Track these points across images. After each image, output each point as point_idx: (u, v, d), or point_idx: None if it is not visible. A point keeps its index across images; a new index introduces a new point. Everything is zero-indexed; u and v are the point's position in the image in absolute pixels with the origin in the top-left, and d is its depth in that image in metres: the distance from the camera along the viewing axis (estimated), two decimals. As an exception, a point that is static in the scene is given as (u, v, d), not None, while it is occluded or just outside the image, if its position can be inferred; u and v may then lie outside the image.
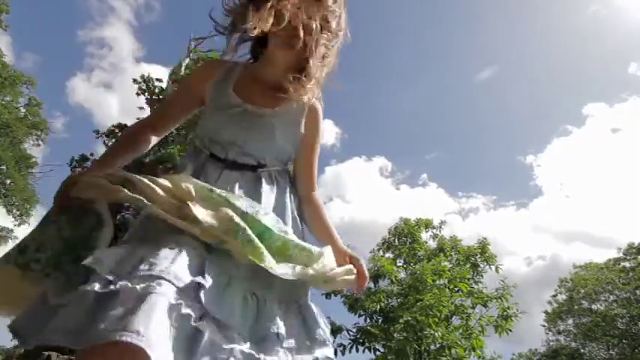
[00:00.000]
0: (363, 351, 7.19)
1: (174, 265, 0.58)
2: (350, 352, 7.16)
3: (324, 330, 0.78)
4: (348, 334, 7.46)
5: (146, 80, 14.55)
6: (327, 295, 7.48)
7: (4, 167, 13.43)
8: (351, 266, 0.88)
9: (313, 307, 0.82)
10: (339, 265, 0.84)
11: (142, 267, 0.56)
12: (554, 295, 20.58)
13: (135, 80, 14.49)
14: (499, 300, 7.22)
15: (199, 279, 0.59)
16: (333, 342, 0.86)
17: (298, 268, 0.72)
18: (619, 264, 18.81)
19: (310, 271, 0.73)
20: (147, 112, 14.53)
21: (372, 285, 7.81)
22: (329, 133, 61.88)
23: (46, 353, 3.60)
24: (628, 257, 18.49)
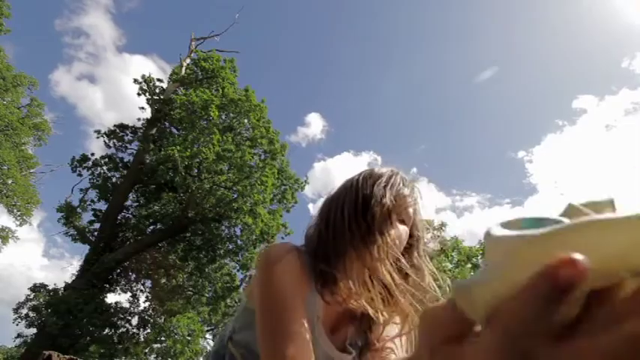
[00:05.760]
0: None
1: None
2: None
3: None
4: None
5: (147, 80, 14.58)
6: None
7: (5, 168, 13.46)
8: None
9: None
10: None
11: None
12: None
13: (135, 80, 14.53)
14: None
15: None
16: None
17: None
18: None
19: None
20: (148, 112, 14.56)
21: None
22: (316, 126, 61.81)
23: (47, 353, 3.59)
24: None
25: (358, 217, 0.71)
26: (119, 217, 13.40)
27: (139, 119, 14.73)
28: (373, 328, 0.80)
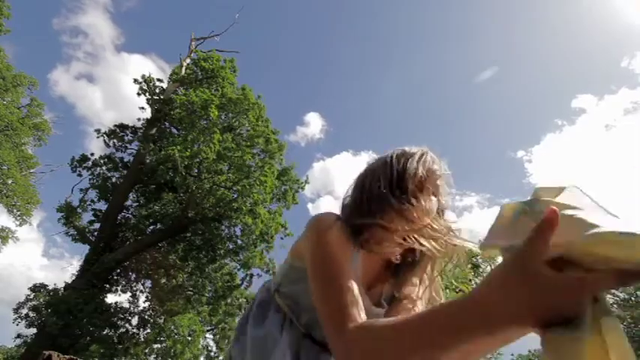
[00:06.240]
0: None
1: None
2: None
3: None
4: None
5: (147, 80, 14.58)
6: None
7: (5, 168, 13.46)
8: None
9: None
10: None
11: None
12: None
13: (135, 80, 14.53)
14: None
15: None
16: None
17: None
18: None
19: None
20: (148, 112, 14.56)
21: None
22: (315, 125, 61.86)
23: (47, 353, 3.60)
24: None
25: (394, 187, 0.79)
26: (119, 217, 13.39)
27: (139, 119, 14.74)
28: (405, 282, 0.88)
